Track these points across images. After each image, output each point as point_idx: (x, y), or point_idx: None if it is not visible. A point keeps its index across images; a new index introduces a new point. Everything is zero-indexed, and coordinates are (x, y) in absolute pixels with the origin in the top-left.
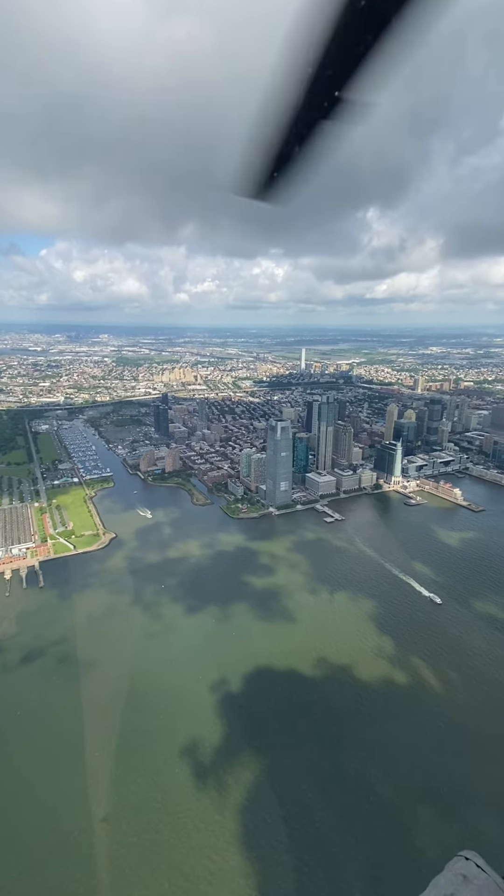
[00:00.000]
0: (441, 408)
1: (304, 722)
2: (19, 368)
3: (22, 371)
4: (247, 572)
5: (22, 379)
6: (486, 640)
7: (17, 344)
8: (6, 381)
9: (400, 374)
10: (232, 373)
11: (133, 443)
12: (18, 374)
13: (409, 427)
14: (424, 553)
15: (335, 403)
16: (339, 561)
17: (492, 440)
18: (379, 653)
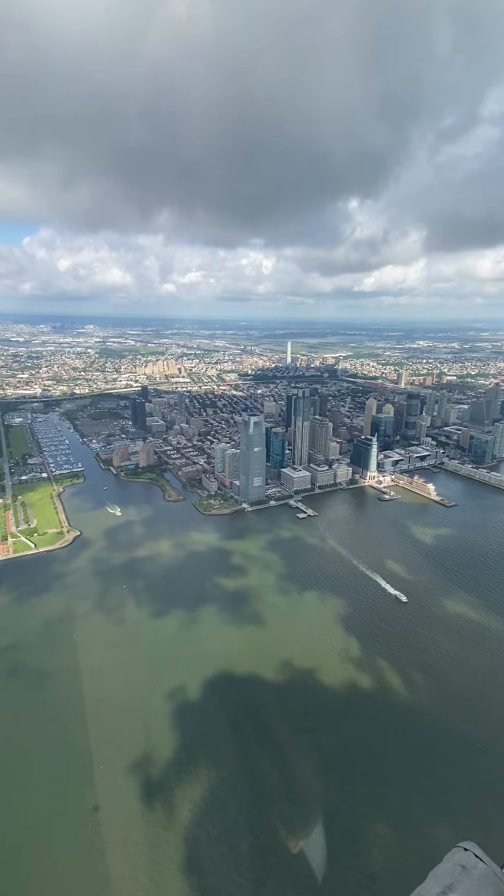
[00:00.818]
0: (420, 402)
1: (259, 730)
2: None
3: (0, 362)
4: (217, 573)
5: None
6: (449, 640)
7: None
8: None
9: (385, 368)
10: (217, 366)
11: (108, 437)
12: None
13: (387, 422)
14: (394, 549)
15: (311, 398)
16: (309, 559)
17: (468, 435)
18: (345, 655)
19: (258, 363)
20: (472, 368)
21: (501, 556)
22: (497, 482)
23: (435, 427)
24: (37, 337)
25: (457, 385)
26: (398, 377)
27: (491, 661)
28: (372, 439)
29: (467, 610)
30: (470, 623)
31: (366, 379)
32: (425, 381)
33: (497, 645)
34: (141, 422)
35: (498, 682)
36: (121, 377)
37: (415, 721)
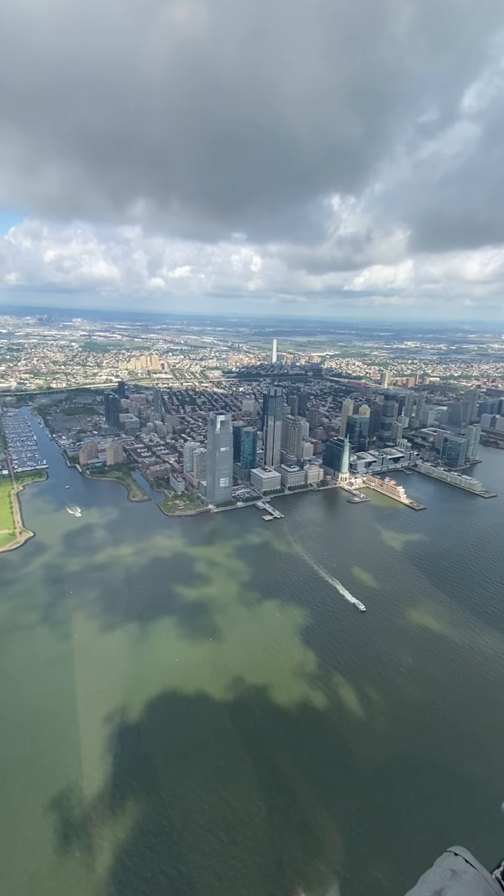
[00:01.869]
0: (398, 403)
1: (200, 756)
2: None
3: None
4: (178, 581)
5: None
6: (407, 651)
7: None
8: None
9: (370, 367)
10: (202, 362)
11: (79, 433)
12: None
13: (362, 422)
14: (358, 555)
15: (290, 397)
16: (272, 565)
17: (442, 437)
18: (300, 671)
19: (243, 360)
20: (456, 370)
21: (465, 562)
22: (467, 485)
23: (413, 428)
24: (21, 329)
25: (438, 387)
26: (382, 377)
27: (447, 675)
28: (344, 440)
29: (427, 619)
30: (428, 633)
31: (350, 378)
32: (408, 381)
33: (453, 656)
34: (114, 418)
35: (454, 697)
36: (101, 372)
37: (370, 740)
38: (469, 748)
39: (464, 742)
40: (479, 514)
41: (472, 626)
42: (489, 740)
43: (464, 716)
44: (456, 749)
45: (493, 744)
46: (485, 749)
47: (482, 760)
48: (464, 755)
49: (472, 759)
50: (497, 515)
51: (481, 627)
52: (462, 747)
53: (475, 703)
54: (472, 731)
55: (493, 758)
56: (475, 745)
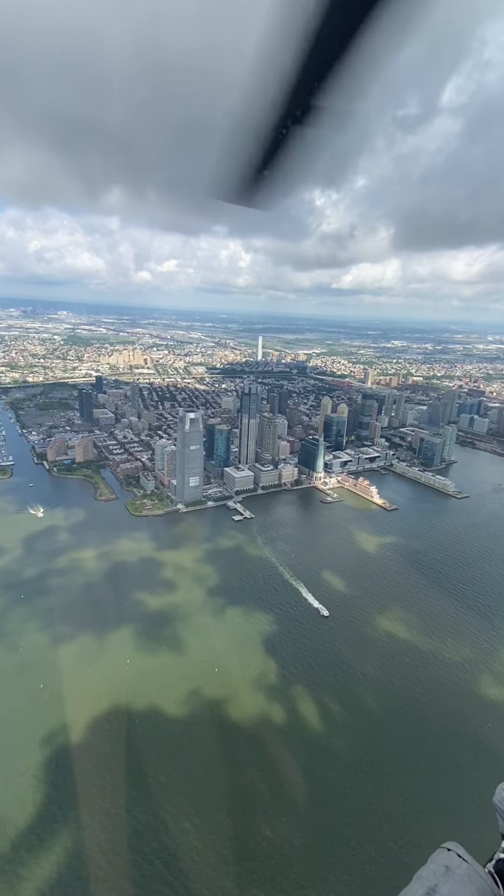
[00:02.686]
0: (377, 402)
1: (141, 785)
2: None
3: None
4: (142, 588)
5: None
6: (370, 660)
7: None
8: None
9: (355, 366)
10: (187, 358)
11: (51, 429)
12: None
13: (339, 422)
14: (325, 556)
15: (270, 395)
16: (237, 568)
17: (419, 436)
18: (259, 683)
19: (228, 357)
20: (440, 370)
21: (433, 565)
22: (441, 486)
23: (392, 428)
24: (3, 321)
25: (421, 386)
26: (365, 376)
27: (409, 684)
28: (319, 439)
29: (394, 626)
30: (394, 640)
31: (334, 377)
32: (391, 381)
33: (420, 663)
34: (87, 414)
35: (415, 708)
36: (82, 366)
37: (327, 758)
38: (432, 765)
39: (427, 759)
40: (450, 515)
41: (438, 632)
42: (452, 755)
43: (426, 730)
44: (417, 765)
45: (457, 758)
46: (447, 764)
47: (444, 777)
48: (426, 773)
49: (435, 777)
50: (467, 516)
51: (446, 633)
52: (424, 764)
53: (438, 716)
54: (435, 746)
55: (456, 774)
56: (439, 762)
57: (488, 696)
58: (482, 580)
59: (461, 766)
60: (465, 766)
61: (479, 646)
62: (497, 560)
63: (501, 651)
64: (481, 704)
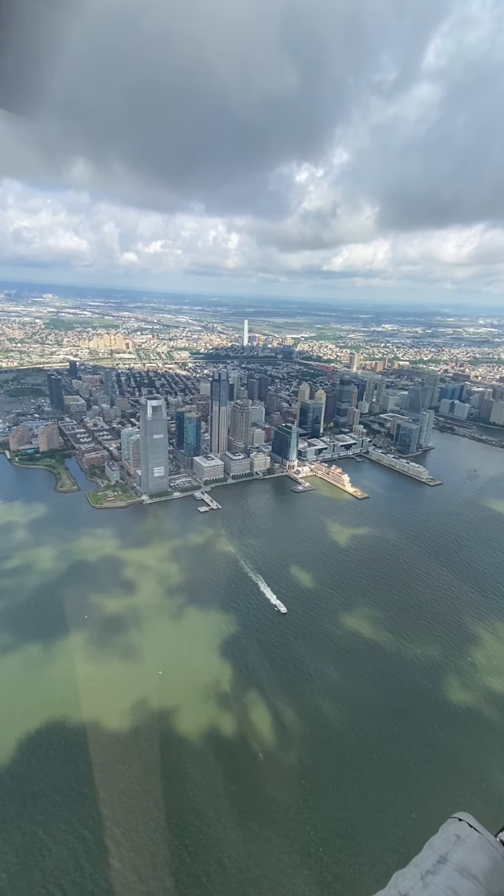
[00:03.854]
0: (358, 388)
1: (82, 801)
2: None
3: None
4: (100, 590)
5: None
6: (329, 661)
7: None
8: None
9: (342, 351)
10: (171, 342)
11: (18, 416)
12: None
13: (315, 408)
14: (290, 549)
15: (228, 381)
16: (197, 564)
17: (396, 423)
18: (210, 691)
19: (214, 342)
20: (427, 354)
21: (401, 555)
22: (415, 473)
23: (373, 414)
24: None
25: (406, 371)
26: (351, 361)
27: (371, 687)
28: (292, 427)
29: (359, 623)
30: (357, 639)
31: (320, 362)
32: (376, 366)
33: (383, 664)
34: (58, 400)
35: (375, 715)
36: (60, 351)
37: (280, 774)
38: (392, 780)
39: (386, 774)
40: (422, 502)
41: (404, 630)
42: (414, 767)
43: (387, 741)
44: (375, 782)
45: (418, 770)
46: (406, 779)
47: (407, 793)
48: (383, 789)
49: (396, 795)
50: (438, 503)
51: (413, 630)
52: (384, 780)
53: (399, 725)
54: (395, 760)
55: (418, 789)
56: (399, 776)
57: (453, 701)
58: (450, 571)
59: (422, 779)
60: (427, 778)
61: (446, 644)
62: (466, 549)
63: (469, 650)
64: (446, 710)
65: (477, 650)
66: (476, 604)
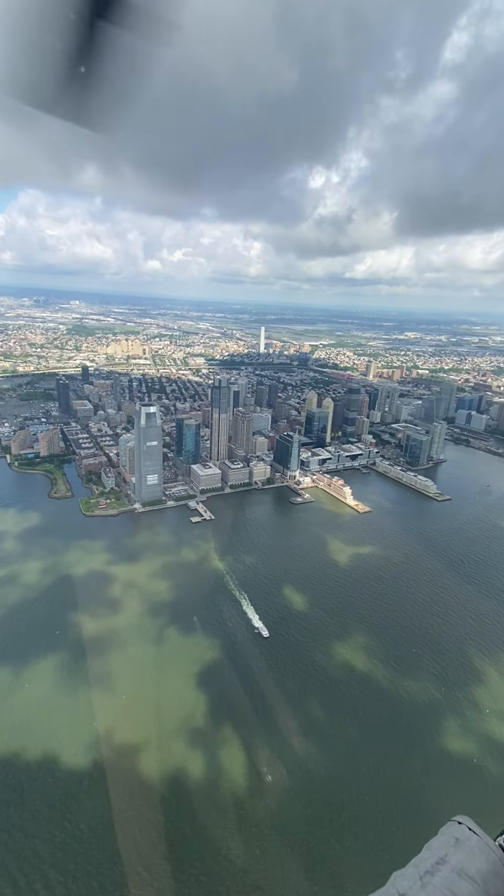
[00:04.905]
0: (370, 397)
1: (28, 854)
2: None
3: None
4: (82, 608)
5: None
6: (312, 696)
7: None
8: None
9: (360, 358)
10: (188, 348)
11: (26, 420)
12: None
13: (321, 416)
14: (283, 566)
15: (229, 388)
16: (181, 579)
17: (406, 434)
18: (183, 725)
19: (231, 348)
20: (449, 363)
21: (401, 576)
22: (422, 487)
23: (385, 424)
24: (13, 310)
25: (424, 380)
26: (367, 369)
27: (365, 733)
28: (293, 435)
29: (352, 654)
30: (349, 672)
31: (336, 369)
32: (393, 374)
33: (376, 705)
34: (65, 405)
35: (366, 772)
36: (78, 356)
37: (253, 840)
38: (365, 846)
39: (361, 836)
40: (427, 518)
41: (400, 662)
42: (403, 836)
43: (373, 801)
44: (349, 845)
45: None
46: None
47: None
48: (358, 858)
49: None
50: (445, 520)
51: (410, 663)
52: (356, 845)
53: (384, 776)
54: (372, 823)
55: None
56: (372, 842)
57: (449, 750)
58: (455, 596)
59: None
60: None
61: (447, 680)
62: (472, 571)
63: (473, 690)
64: (440, 762)
65: (481, 690)
66: (482, 634)
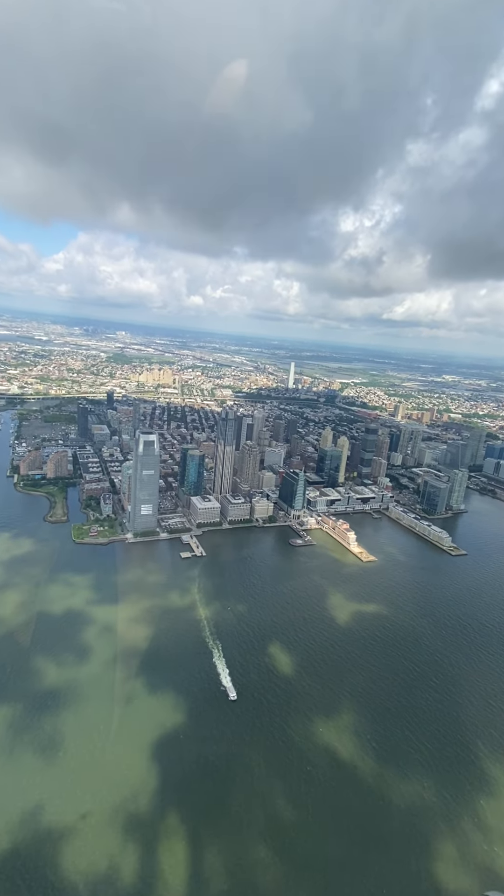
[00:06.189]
0: (392, 438)
1: None
2: (0, 354)
3: (2, 357)
4: (48, 651)
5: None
6: (277, 780)
7: (27, 332)
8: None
9: (390, 399)
10: (217, 380)
11: (43, 441)
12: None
13: (334, 455)
14: (267, 616)
15: (235, 421)
16: (159, 626)
17: (424, 480)
18: (123, 807)
19: (260, 381)
20: (485, 408)
21: (403, 644)
22: (435, 538)
23: (406, 467)
24: (63, 337)
25: (455, 424)
26: (395, 409)
27: (342, 849)
28: (299, 473)
29: (337, 736)
30: (328, 757)
31: (363, 408)
32: (423, 416)
33: (360, 811)
34: (83, 429)
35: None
36: (110, 382)
37: None
38: None
39: None
40: (438, 575)
41: (394, 755)
42: None
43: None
44: None
45: None
46: None
47: None
48: None
49: None
50: (458, 577)
51: (406, 759)
52: None
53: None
54: None
55: None
56: None
57: (441, 882)
58: (463, 673)
59: None
60: None
61: (448, 785)
62: (485, 641)
63: (477, 801)
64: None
65: (487, 802)
66: (492, 723)
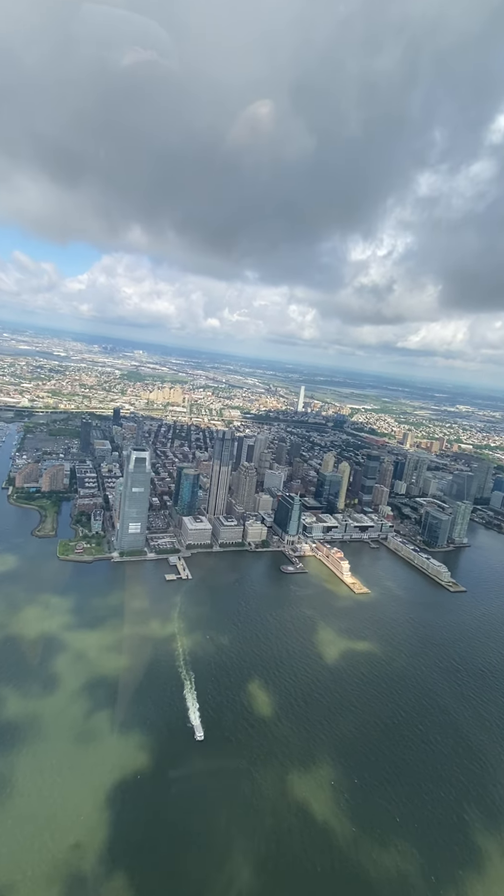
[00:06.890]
0: (396, 465)
1: None
2: (17, 368)
3: (18, 371)
4: (11, 681)
5: (8, 378)
6: (240, 841)
7: (47, 348)
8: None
9: (400, 426)
10: (227, 400)
11: (44, 454)
12: (13, 373)
13: (333, 481)
14: (249, 650)
15: (231, 442)
16: (133, 655)
17: (426, 510)
18: (62, 872)
19: (269, 404)
20: (497, 440)
21: (391, 684)
22: (434, 572)
23: (410, 496)
24: (81, 354)
25: (465, 455)
26: (404, 438)
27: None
28: (294, 497)
29: (307, 788)
30: (298, 817)
31: (372, 434)
32: (432, 445)
33: (333, 887)
34: (85, 443)
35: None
36: (121, 399)
37: None
38: None
39: None
40: (435, 611)
41: (373, 821)
42: None
43: None
44: None
45: None
46: None
47: None
48: None
49: None
50: (455, 615)
51: (387, 826)
52: None
53: None
54: None
55: None
56: None
57: None
58: (455, 723)
59: None
60: None
61: (432, 858)
62: (477, 687)
63: (463, 879)
64: None
65: (474, 880)
66: (486, 788)
